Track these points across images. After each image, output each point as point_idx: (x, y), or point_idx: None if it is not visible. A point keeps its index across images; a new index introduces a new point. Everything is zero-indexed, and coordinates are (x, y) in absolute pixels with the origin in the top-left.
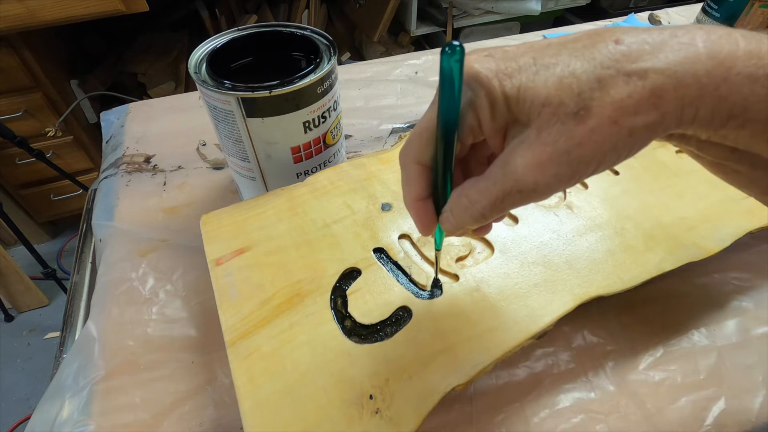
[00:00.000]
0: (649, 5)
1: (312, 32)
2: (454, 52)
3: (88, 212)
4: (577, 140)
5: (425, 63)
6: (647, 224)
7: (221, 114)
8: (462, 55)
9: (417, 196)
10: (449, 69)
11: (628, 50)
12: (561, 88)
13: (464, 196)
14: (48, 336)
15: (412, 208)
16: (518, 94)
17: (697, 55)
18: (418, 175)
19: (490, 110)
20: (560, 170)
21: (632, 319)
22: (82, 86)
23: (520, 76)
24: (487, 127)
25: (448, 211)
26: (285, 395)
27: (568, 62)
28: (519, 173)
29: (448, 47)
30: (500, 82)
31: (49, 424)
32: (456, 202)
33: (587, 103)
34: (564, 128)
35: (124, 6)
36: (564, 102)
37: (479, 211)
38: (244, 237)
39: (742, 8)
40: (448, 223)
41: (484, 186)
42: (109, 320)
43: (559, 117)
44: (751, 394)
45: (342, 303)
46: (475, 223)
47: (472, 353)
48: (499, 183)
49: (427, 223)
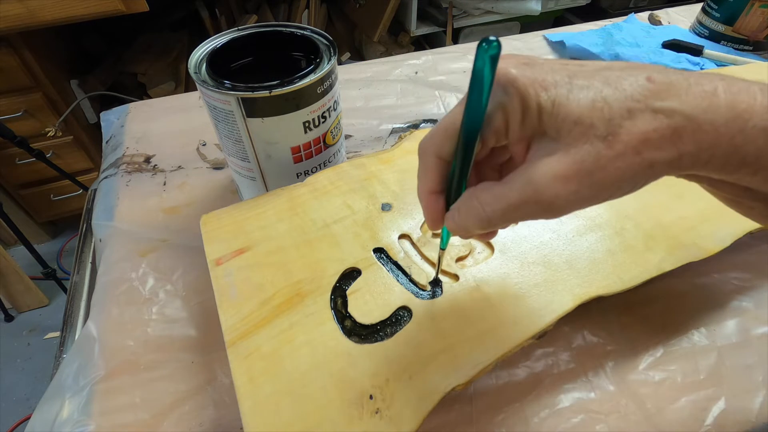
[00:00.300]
0: (649, 5)
1: (312, 32)
2: (490, 47)
3: (88, 212)
4: (603, 163)
5: (425, 63)
6: (647, 224)
7: (221, 114)
8: (498, 51)
9: (430, 189)
10: (483, 63)
11: (657, 89)
12: (593, 111)
13: (475, 198)
14: (48, 336)
15: (423, 199)
16: (552, 108)
17: (717, 105)
18: (436, 167)
19: (521, 117)
20: (581, 189)
21: (632, 319)
22: (82, 86)
23: (556, 90)
24: (514, 133)
25: (456, 209)
26: (285, 395)
27: (601, 88)
28: (542, 183)
29: (484, 41)
30: (536, 93)
31: (49, 424)
32: (466, 202)
33: (616, 130)
34: (592, 149)
35: (124, 6)
36: (595, 124)
37: (487, 216)
38: (244, 237)
39: (742, 8)
40: (452, 221)
41: (500, 191)
42: (109, 320)
43: (588, 138)
44: (751, 394)
45: (342, 303)
46: (479, 227)
47: (472, 353)
48: (517, 190)
49: (436, 217)
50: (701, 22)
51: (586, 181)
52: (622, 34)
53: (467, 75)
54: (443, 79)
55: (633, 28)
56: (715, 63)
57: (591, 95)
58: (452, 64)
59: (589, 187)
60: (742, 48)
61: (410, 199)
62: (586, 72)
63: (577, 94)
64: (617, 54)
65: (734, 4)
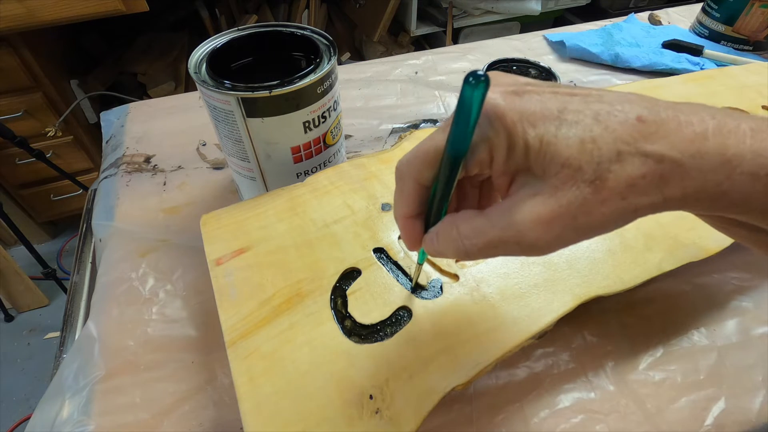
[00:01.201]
0: (649, 5)
1: (312, 32)
2: (478, 85)
3: (88, 212)
4: (587, 208)
5: (425, 63)
6: (647, 224)
7: (221, 114)
8: (486, 89)
9: (407, 214)
10: (470, 100)
11: (647, 130)
12: (582, 152)
13: (455, 227)
14: (48, 336)
15: (400, 223)
16: (540, 146)
17: (706, 151)
18: (414, 192)
19: (506, 153)
20: (564, 233)
21: (632, 319)
22: (82, 86)
23: (544, 126)
24: (498, 167)
25: (435, 233)
26: (285, 395)
27: (591, 126)
28: (525, 226)
29: (472, 77)
30: (524, 130)
31: (49, 424)
32: (445, 229)
33: (604, 174)
34: (579, 193)
35: (124, 6)
36: (583, 168)
37: (465, 248)
38: (244, 237)
39: (742, 8)
40: (429, 245)
41: (480, 225)
42: (109, 320)
43: (575, 182)
44: (751, 394)
45: (342, 303)
46: (455, 257)
47: (472, 353)
48: (498, 228)
49: (414, 240)
50: (701, 22)
51: (570, 224)
52: (622, 34)
53: None
54: (443, 79)
55: (633, 28)
56: (715, 63)
57: (580, 134)
58: (452, 64)
59: (572, 231)
60: (742, 48)
61: None
62: (576, 104)
63: (566, 132)
64: (617, 54)
65: (734, 4)
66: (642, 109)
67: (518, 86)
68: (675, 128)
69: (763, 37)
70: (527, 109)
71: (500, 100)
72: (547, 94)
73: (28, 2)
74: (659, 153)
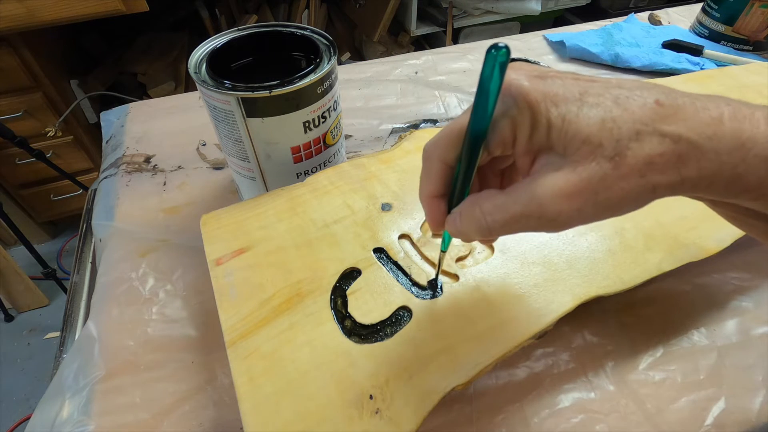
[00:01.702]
0: (649, 5)
1: (312, 32)
2: (499, 54)
3: (88, 212)
4: (608, 183)
5: (425, 63)
6: (647, 224)
7: (221, 114)
8: (507, 58)
9: (432, 193)
10: (491, 70)
11: (665, 112)
12: (602, 131)
13: (478, 205)
14: (48, 336)
15: (425, 203)
16: (562, 124)
17: (722, 134)
18: (439, 172)
19: (530, 131)
20: (584, 207)
21: (632, 319)
22: (82, 86)
23: (566, 106)
24: (521, 146)
25: (458, 214)
26: (285, 395)
27: (611, 108)
28: (546, 199)
29: (493, 48)
30: (547, 108)
31: (49, 424)
32: (468, 209)
33: (623, 151)
34: (599, 168)
35: (124, 6)
36: (603, 144)
37: (488, 225)
38: (244, 237)
39: (742, 8)
40: (453, 226)
41: (502, 202)
42: (109, 320)
43: (596, 157)
44: (751, 394)
45: (342, 303)
46: (479, 235)
47: (472, 353)
48: (520, 203)
49: (437, 220)
50: (701, 22)
51: (591, 199)
52: (622, 34)
53: (467, 75)
54: (443, 79)
55: (633, 28)
56: (715, 63)
57: (601, 114)
58: (452, 64)
59: (593, 206)
60: (742, 48)
61: (410, 199)
62: (597, 89)
63: (587, 112)
64: (617, 54)
65: (734, 4)
66: (660, 95)
67: (542, 72)
68: (692, 112)
69: (763, 37)
70: (550, 91)
71: (525, 81)
72: (569, 80)
73: (28, 2)
74: (677, 133)
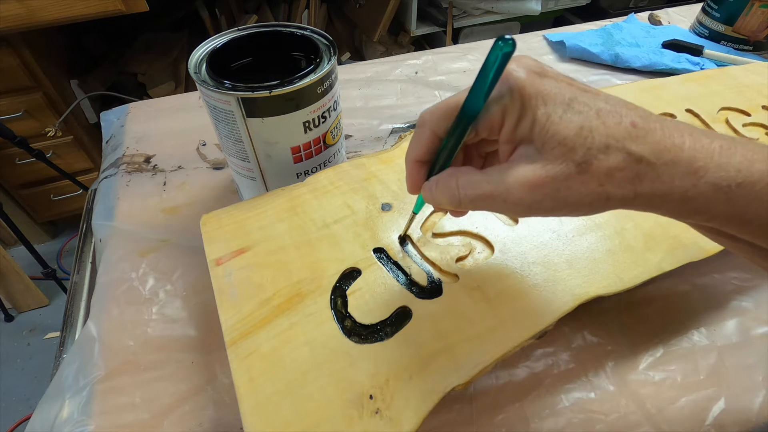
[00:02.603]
0: (649, 5)
1: (312, 32)
2: (506, 44)
3: (88, 212)
4: (569, 184)
5: (425, 63)
6: (647, 224)
7: (221, 114)
8: (512, 50)
9: (417, 157)
10: (495, 57)
11: (636, 133)
12: (578, 137)
13: (455, 178)
14: (48, 336)
15: (409, 165)
16: (545, 123)
17: (679, 160)
18: (429, 140)
19: (516, 121)
20: (544, 200)
21: (632, 319)
22: (82, 86)
23: (554, 107)
24: (506, 134)
25: (435, 182)
26: (285, 395)
27: (591, 118)
28: (514, 186)
29: (500, 39)
30: (536, 104)
31: (49, 424)
32: (445, 179)
33: (591, 160)
34: (565, 169)
35: (124, 6)
36: (575, 149)
37: (459, 197)
38: (244, 237)
39: (742, 8)
40: (428, 192)
41: (477, 180)
42: (109, 320)
43: (566, 159)
44: (751, 394)
45: (342, 303)
46: (449, 204)
47: (472, 353)
48: (492, 184)
49: (416, 183)
50: (701, 22)
51: (552, 195)
52: (622, 34)
53: (467, 75)
54: (443, 79)
55: (633, 28)
56: (715, 63)
57: (581, 122)
58: (452, 64)
59: (552, 201)
60: (742, 48)
61: (410, 199)
62: (586, 98)
63: (570, 117)
64: (617, 54)
65: (734, 4)
66: (637, 117)
67: (542, 69)
68: (660, 138)
69: (763, 37)
70: (544, 89)
71: (523, 74)
72: (564, 84)
73: (28, 2)
74: (640, 154)
